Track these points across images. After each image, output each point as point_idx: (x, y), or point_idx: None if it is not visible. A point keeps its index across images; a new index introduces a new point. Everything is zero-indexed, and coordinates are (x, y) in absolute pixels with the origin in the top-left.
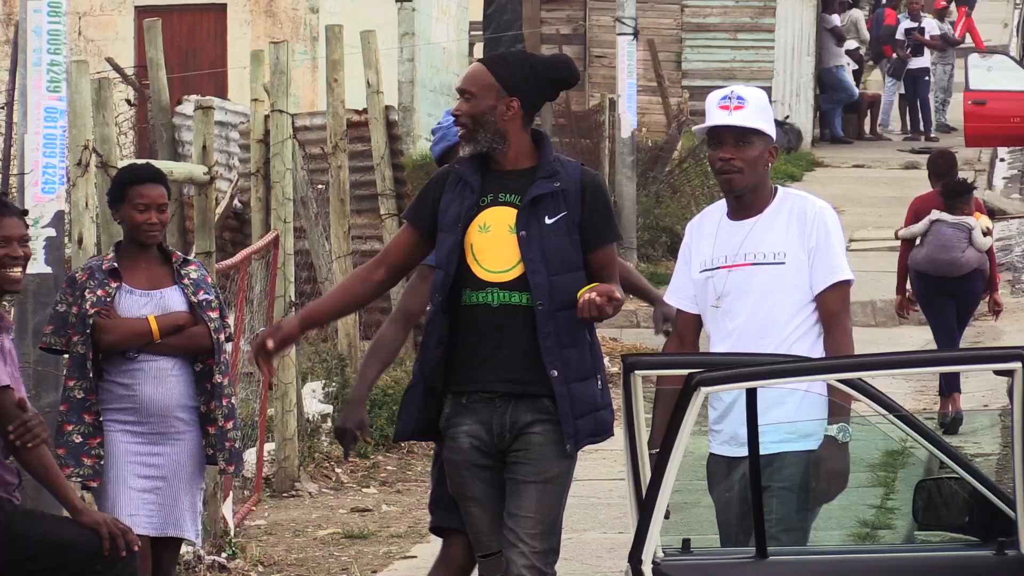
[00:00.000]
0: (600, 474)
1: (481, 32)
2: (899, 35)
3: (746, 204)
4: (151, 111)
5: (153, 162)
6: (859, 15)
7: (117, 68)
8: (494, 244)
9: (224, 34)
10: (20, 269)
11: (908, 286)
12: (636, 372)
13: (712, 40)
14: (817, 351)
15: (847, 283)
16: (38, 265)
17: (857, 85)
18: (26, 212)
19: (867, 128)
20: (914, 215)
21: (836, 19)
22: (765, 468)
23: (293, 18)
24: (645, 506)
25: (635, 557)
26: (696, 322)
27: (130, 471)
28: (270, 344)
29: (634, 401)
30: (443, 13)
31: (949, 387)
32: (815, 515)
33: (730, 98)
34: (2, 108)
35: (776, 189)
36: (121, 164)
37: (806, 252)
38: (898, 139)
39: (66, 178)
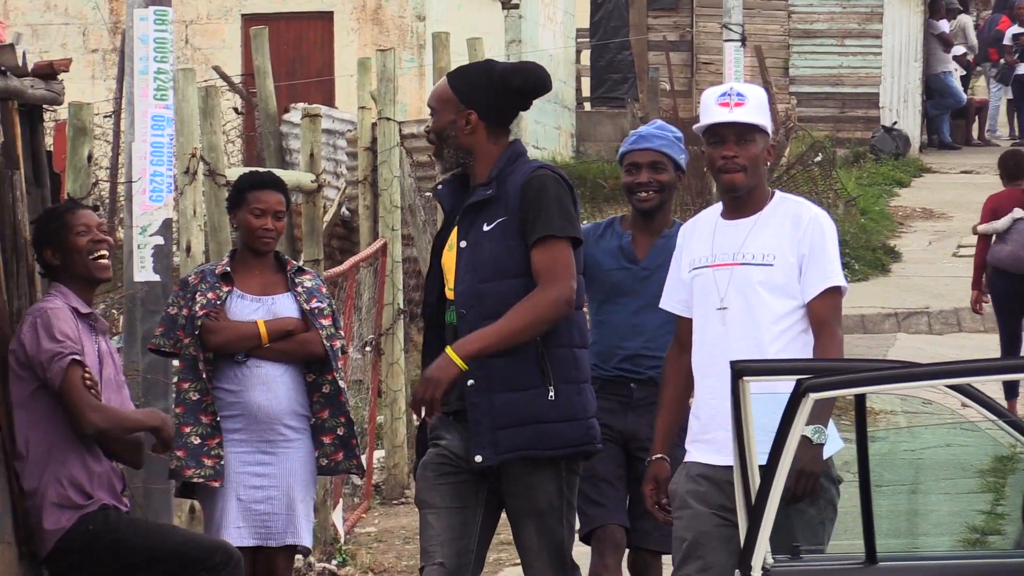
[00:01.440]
0: None
1: (588, 39)
2: (1006, 40)
3: (743, 203)
4: (258, 119)
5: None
6: (967, 20)
7: (224, 76)
8: (450, 262)
9: (331, 42)
10: (106, 254)
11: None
12: (744, 379)
13: (819, 46)
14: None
15: (838, 290)
16: (146, 273)
17: (965, 91)
18: (96, 208)
19: (975, 134)
20: (991, 213)
21: (944, 25)
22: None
23: (400, 26)
24: (754, 513)
25: (745, 563)
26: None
27: (238, 482)
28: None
29: (743, 408)
30: (550, 20)
31: (1011, 392)
32: (829, 523)
33: (730, 95)
34: (110, 116)
35: (774, 192)
36: (229, 172)
37: (796, 256)
38: (1006, 144)
39: (174, 186)
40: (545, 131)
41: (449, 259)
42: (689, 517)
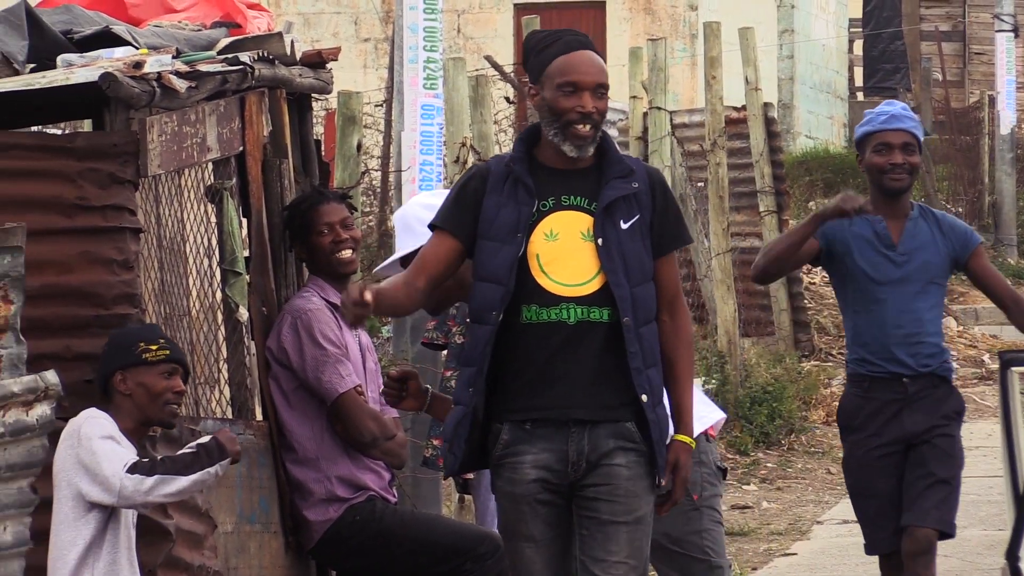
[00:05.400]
0: (980, 471)
1: (860, 29)
2: None
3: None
4: (530, 108)
5: None
6: None
7: (495, 65)
8: (565, 254)
9: (603, 31)
10: (350, 251)
11: None
12: (1013, 368)
13: None
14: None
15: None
16: None
17: None
18: (348, 196)
19: None
20: None
21: None
22: None
23: (672, 15)
24: (1021, 503)
25: (1012, 554)
26: None
27: None
28: (368, 296)
29: (1011, 397)
30: (822, 10)
31: None
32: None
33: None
34: (381, 105)
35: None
36: None
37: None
38: None
39: (443, 175)
40: (817, 120)
41: (552, 250)
42: None
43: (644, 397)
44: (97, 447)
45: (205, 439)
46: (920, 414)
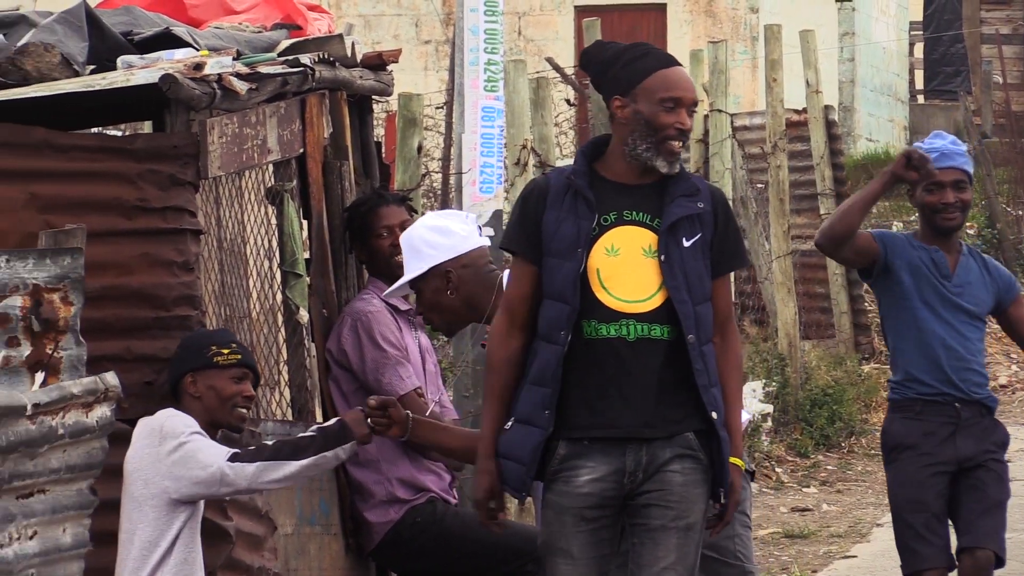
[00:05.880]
0: None
1: (921, 32)
2: None
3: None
4: (591, 111)
5: None
6: None
7: (556, 67)
8: (626, 269)
9: (664, 33)
10: None
11: None
12: None
13: None
14: None
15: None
16: None
17: None
18: (408, 198)
19: None
20: None
21: None
22: None
23: (733, 18)
24: None
25: None
26: None
27: None
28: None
29: None
30: (883, 13)
31: None
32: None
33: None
34: (441, 107)
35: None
36: (560, 164)
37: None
38: None
39: (504, 177)
40: (878, 123)
41: (613, 265)
42: None
43: (715, 415)
44: (191, 443)
45: (332, 422)
46: (972, 440)
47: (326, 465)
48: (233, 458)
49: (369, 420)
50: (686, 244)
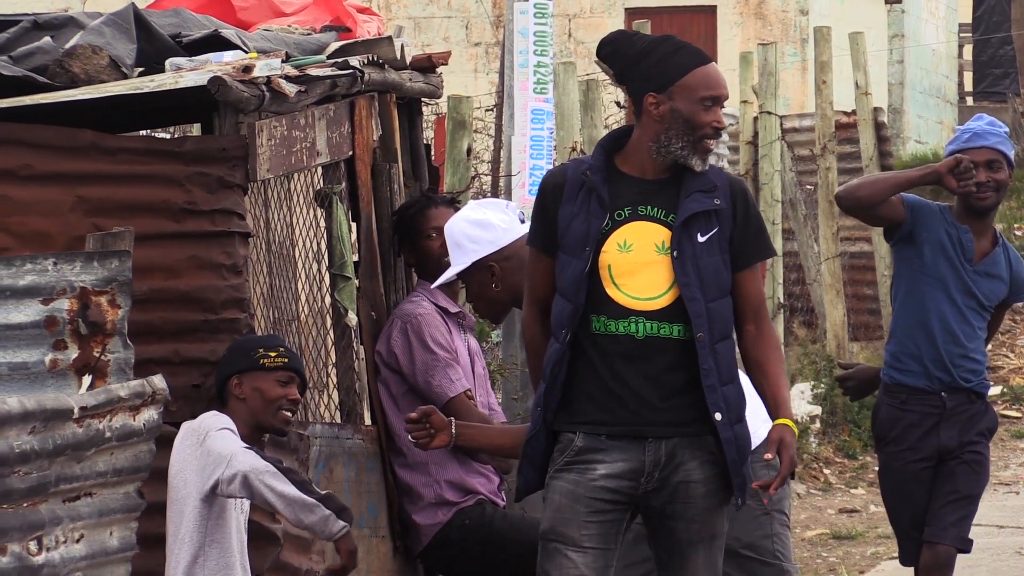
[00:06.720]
0: None
1: (970, 33)
2: None
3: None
4: None
5: None
6: None
7: (606, 70)
8: (638, 266)
9: (714, 35)
10: None
11: None
12: None
13: None
14: None
15: None
16: None
17: None
18: (457, 200)
19: None
20: None
21: None
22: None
23: (783, 20)
24: None
25: None
26: None
27: None
28: None
29: None
30: (932, 15)
31: None
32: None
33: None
34: (491, 110)
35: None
36: None
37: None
38: None
39: None
40: (927, 125)
41: (624, 261)
42: None
43: (718, 416)
44: (216, 435)
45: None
46: (955, 429)
47: (317, 515)
48: (250, 450)
49: (411, 437)
50: (701, 239)
